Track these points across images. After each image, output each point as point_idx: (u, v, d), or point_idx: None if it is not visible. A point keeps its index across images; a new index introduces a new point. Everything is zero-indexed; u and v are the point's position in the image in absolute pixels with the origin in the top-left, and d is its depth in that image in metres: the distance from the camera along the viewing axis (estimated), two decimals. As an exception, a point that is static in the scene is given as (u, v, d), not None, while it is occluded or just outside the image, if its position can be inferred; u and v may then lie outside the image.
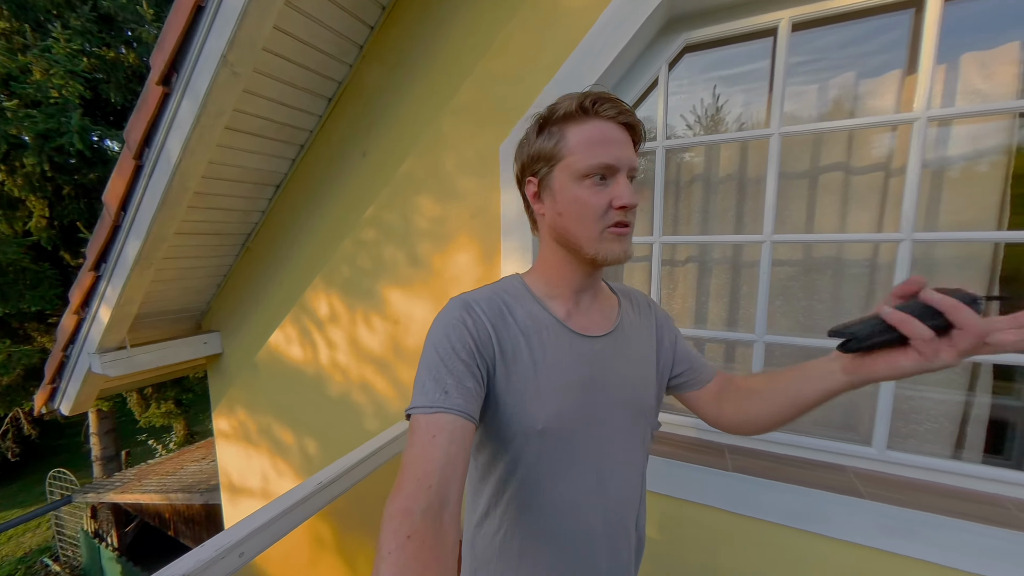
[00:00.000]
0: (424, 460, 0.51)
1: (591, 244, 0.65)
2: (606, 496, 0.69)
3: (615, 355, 0.72)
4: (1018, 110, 1.18)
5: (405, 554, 0.43)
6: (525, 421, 0.64)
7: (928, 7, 1.21)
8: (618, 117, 0.64)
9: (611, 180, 0.64)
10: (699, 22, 1.44)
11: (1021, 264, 1.29)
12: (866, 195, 1.41)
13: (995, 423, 1.31)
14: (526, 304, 0.70)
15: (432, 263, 1.91)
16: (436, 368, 0.60)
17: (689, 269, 1.73)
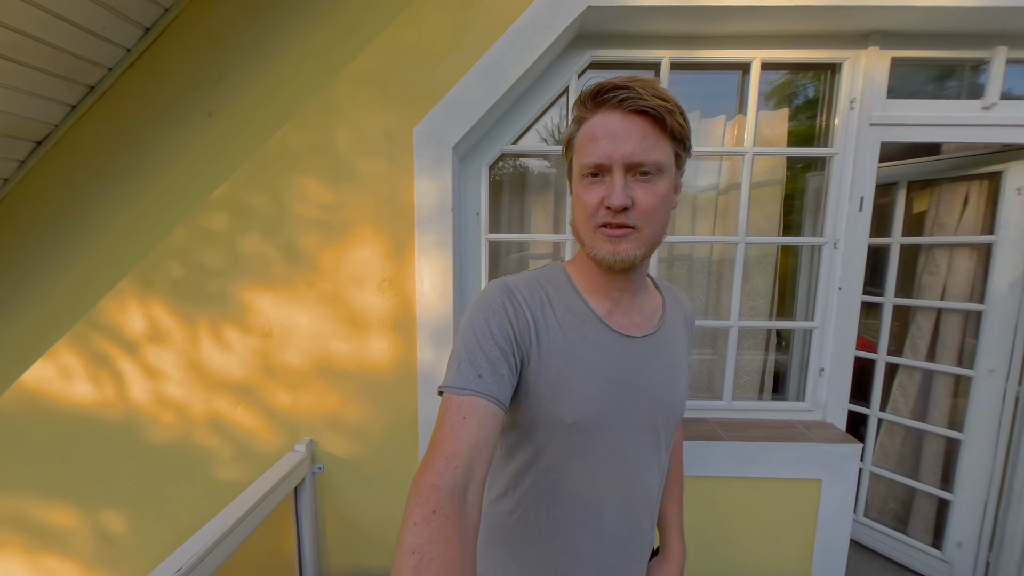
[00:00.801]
0: (453, 439, 0.48)
1: (588, 242, 0.59)
2: (627, 497, 0.64)
3: (653, 358, 0.64)
4: (809, 154, 1.53)
5: (430, 527, 0.40)
6: (556, 413, 0.58)
7: (752, 71, 1.47)
8: (622, 105, 0.52)
9: (607, 178, 0.55)
10: (604, 43, 1.44)
11: (787, 261, 1.68)
12: (705, 207, 1.69)
13: (778, 372, 1.72)
14: (567, 296, 0.63)
15: (320, 259, 1.46)
16: (472, 350, 0.54)
17: None
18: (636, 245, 0.56)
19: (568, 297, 0.63)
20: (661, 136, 0.54)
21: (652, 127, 0.53)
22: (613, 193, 0.53)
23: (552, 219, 1.67)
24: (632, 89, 0.52)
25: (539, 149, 1.56)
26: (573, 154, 0.60)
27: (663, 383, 0.65)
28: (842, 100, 1.50)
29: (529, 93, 1.46)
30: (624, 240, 0.56)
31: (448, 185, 1.39)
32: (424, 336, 1.45)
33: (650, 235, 0.57)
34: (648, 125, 0.53)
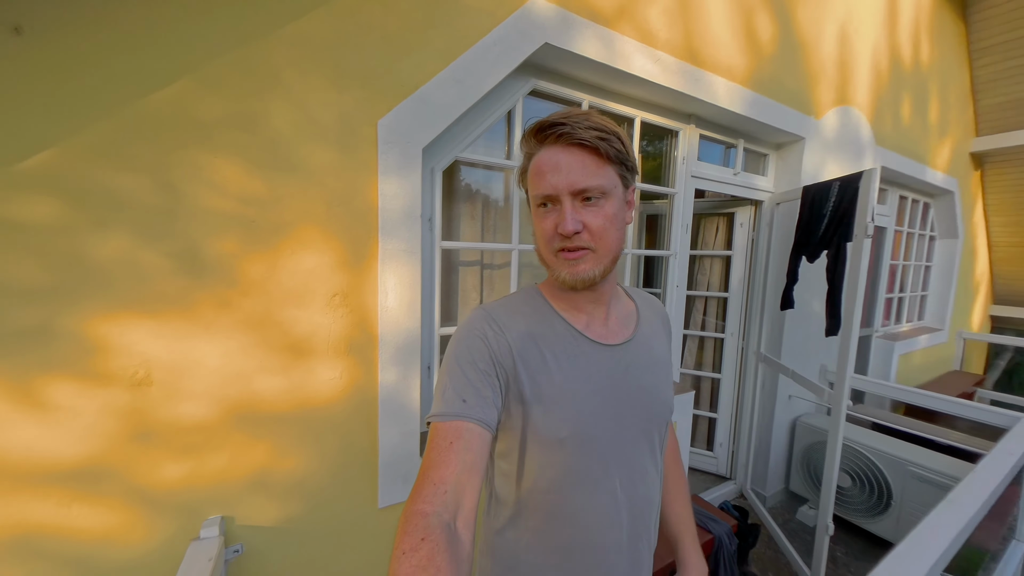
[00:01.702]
0: (441, 465, 0.45)
1: (551, 266, 0.57)
2: (630, 503, 0.60)
3: (635, 362, 0.62)
4: (661, 191, 1.95)
5: (419, 555, 0.37)
6: (548, 431, 0.55)
7: (636, 125, 1.78)
8: (561, 140, 0.52)
9: (558, 206, 0.54)
10: (545, 76, 1.49)
11: (651, 267, 2.05)
12: None
13: None
14: (546, 316, 0.60)
15: (241, 270, 0.98)
16: (455, 377, 0.52)
17: (506, 272, 1.62)
18: (593, 264, 0.55)
19: (546, 316, 0.60)
20: (601, 162, 0.53)
21: (591, 156, 0.52)
22: (564, 220, 0.52)
23: (501, 230, 1.55)
24: (567, 124, 0.51)
25: (491, 161, 1.46)
26: (527, 186, 0.59)
27: (649, 385, 0.63)
28: (679, 157, 1.91)
29: (480, 105, 1.32)
30: (581, 261, 0.54)
31: (417, 188, 1.13)
32: (387, 356, 1.14)
33: (605, 252, 0.55)
34: (587, 155, 0.52)
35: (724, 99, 1.82)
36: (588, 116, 0.53)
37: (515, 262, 1.52)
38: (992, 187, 4.17)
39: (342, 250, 1.09)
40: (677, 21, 1.64)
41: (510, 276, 1.53)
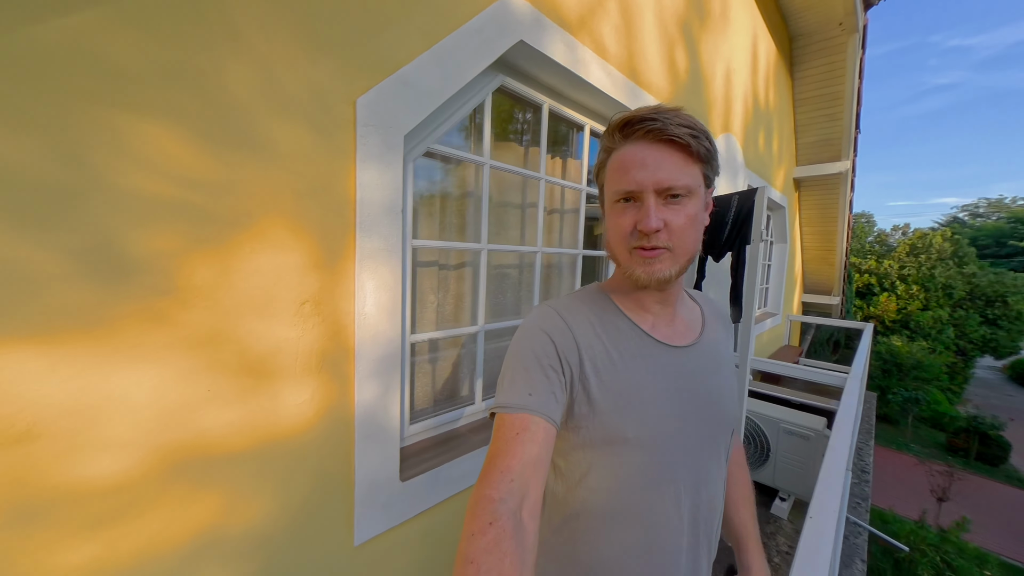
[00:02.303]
0: (508, 454, 0.45)
1: (624, 264, 0.56)
2: (693, 508, 0.58)
3: (702, 366, 0.62)
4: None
5: (487, 538, 0.38)
6: (614, 429, 0.54)
7: (586, 132, 1.87)
8: (650, 135, 0.51)
9: (638, 203, 0.53)
10: (512, 74, 1.48)
11: (591, 268, 2.20)
12: (552, 225, 1.75)
13: None
14: (611, 315, 0.60)
15: (182, 274, 0.75)
16: (521, 371, 0.52)
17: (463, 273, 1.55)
18: (670, 264, 0.54)
19: (612, 316, 0.60)
20: (689, 161, 0.52)
21: (680, 153, 0.52)
22: (646, 217, 0.51)
23: (460, 228, 1.48)
24: (659, 120, 0.50)
25: (464, 155, 1.37)
26: (604, 180, 0.59)
27: (716, 389, 0.62)
28: (617, 165, 2.07)
29: (452, 96, 1.23)
30: (657, 261, 0.54)
31: (399, 179, 1.03)
32: (364, 371, 1.01)
33: (683, 253, 0.54)
34: (676, 152, 0.52)
35: (655, 116, 2.03)
36: (678, 113, 0.52)
37: (483, 263, 1.46)
38: (804, 205, 5.50)
39: (313, 248, 0.92)
40: (623, 39, 1.78)
41: (478, 277, 1.48)
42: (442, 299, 1.45)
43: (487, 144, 1.41)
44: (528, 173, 1.60)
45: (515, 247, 1.65)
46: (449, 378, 1.52)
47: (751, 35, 3.18)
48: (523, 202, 1.70)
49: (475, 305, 1.52)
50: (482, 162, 1.41)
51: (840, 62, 4.03)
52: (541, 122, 1.64)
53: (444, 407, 1.47)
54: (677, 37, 2.16)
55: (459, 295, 1.50)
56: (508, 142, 1.64)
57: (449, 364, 1.52)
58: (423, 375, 1.43)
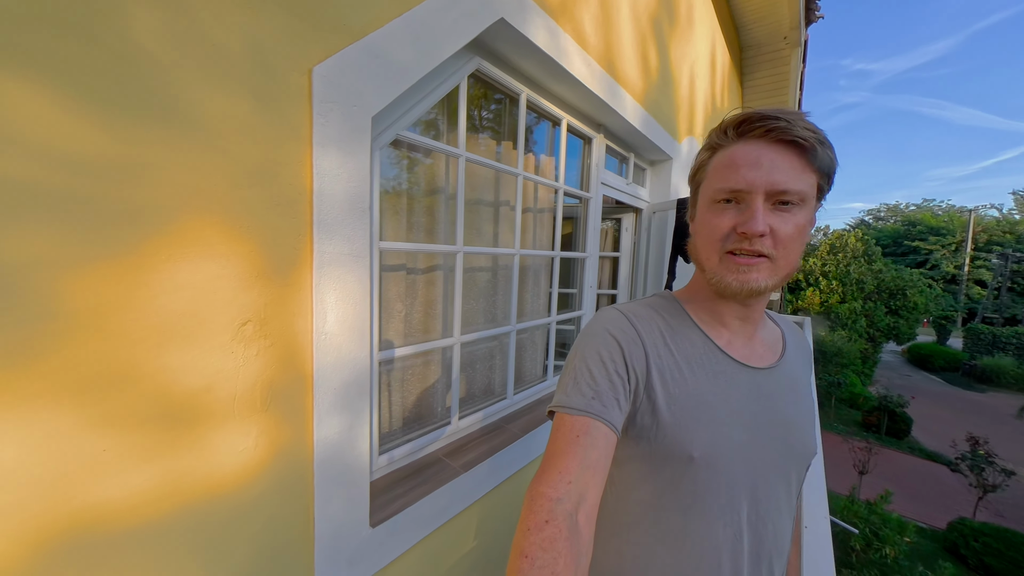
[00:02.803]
0: (567, 455, 0.44)
1: (711, 269, 0.53)
2: (755, 542, 0.54)
3: (779, 391, 0.57)
4: (580, 195, 1.95)
5: (543, 535, 0.38)
6: (679, 446, 0.51)
7: (563, 126, 1.75)
8: (768, 135, 0.48)
9: (743, 205, 0.49)
10: (489, 58, 1.34)
11: (568, 269, 2.11)
12: (534, 222, 1.56)
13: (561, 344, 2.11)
14: (684, 326, 0.57)
15: (66, 292, 0.53)
16: (584, 373, 0.50)
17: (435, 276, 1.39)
18: (768, 275, 0.50)
19: (685, 327, 0.57)
20: (807, 167, 0.48)
21: (799, 158, 0.48)
22: (752, 219, 0.47)
23: (430, 229, 1.32)
24: (784, 119, 0.47)
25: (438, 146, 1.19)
26: (703, 179, 0.55)
27: (793, 419, 0.57)
28: (592, 163, 2.01)
29: (426, 76, 1.06)
30: (755, 270, 0.49)
31: (366, 169, 0.86)
32: (326, 401, 0.84)
33: (784, 265, 0.50)
34: (795, 156, 0.48)
35: (630, 113, 1.98)
36: (803, 116, 0.48)
37: (459, 267, 1.31)
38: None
39: (257, 254, 0.72)
40: (600, 30, 1.69)
41: (453, 283, 1.32)
42: (411, 308, 1.28)
43: (462, 135, 1.26)
44: (506, 168, 1.46)
45: (493, 249, 1.51)
46: (421, 397, 1.35)
47: (711, 42, 3.26)
48: (496, 200, 1.56)
49: (447, 314, 1.36)
50: (457, 154, 1.26)
51: (784, 74, 4.29)
52: (519, 114, 1.51)
53: (417, 430, 1.30)
54: (649, 35, 2.13)
55: (430, 303, 1.34)
56: (482, 134, 1.49)
57: (421, 381, 1.35)
58: (392, 396, 1.25)
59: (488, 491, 1.32)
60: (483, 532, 1.34)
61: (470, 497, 1.24)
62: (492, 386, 1.61)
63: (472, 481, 1.23)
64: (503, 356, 1.63)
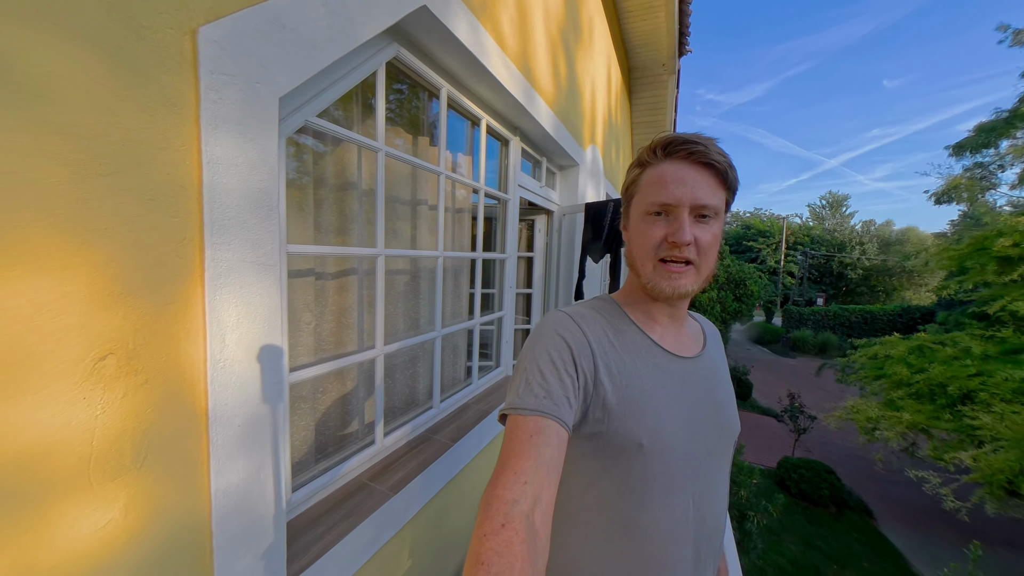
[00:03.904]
0: (522, 455, 0.45)
1: (646, 275, 0.59)
2: (700, 519, 0.58)
3: (707, 376, 0.64)
4: (499, 196, 1.98)
5: (499, 539, 0.38)
6: (629, 435, 0.54)
7: (482, 126, 1.73)
8: (690, 157, 0.56)
9: (671, 217, 0.56)
10: (408, 46, 1.27)
11: (488, 270, 2.13)
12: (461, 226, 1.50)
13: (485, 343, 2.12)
14: (623, 324, 0.62)
15: None
16: (535, 375, 0.52)
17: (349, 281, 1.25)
18: (693, 280, 0.57)
19: (624, 325, 0.62)
20: (720, 185, 0.57)
21: (714, 177, 0.56)
22: (680, 229, 0.54)
23: (341, 229, 1.19)
24: (700, 144, 0.56)
25: (354, 137, 1.05)
26: (636, 193, 0.61)
27: (721, 400, 0.64)
28: (510, 165, 2.04)
29: (338, 61, 0.92)
30: (683, 276, 0.57)
31: (273, 160, 0.74)
32: (227, 444, 0.71)
33: (705, 270, 0.58)
34: (711, 175, 0.56)
35: (544, 119, 2.05)
36: (714, 142, 0.57)
37: (380, 272, 1.20)
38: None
39: (120, 263, 0.55)
40: (518, 33, 1.71)
41: (374, 290, 1.20)
42: (321, 319, 1.13)
43: (381, 127, 1.15)
44: (428, 166, 1.38)
45: (417, 252, 1.42)
46: (340, 418, 1.20)
47: (607, 60, 3.56)
48: (414, 199, 1.47)
49: (365, 323, 1.23)
50: (376, 148, 1.14)
51: (663, 96, 4.92)
52: (440, 110, 1.44)
53: (337, 456, 1.15)
54: (559, 45, 2.22)
55: (344, 312, 1.20)
56: (401, 128, 1.39)
57: (339, 401, 1.20)
58: (305, 421, 1.09)
59: (421, 507, 1.24)
60: (418, 551, 1.25)
61: (402, 519, 1.15)
62: (416, 396, 1.52)
63: (403, 502, 1.14)
64: (427, 363, 1.55)
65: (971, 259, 6.79)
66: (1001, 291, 6.26)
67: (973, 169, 8.01)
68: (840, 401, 7.00)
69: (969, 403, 5.40)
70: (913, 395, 6.10)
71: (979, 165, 8.01)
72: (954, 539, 5.43)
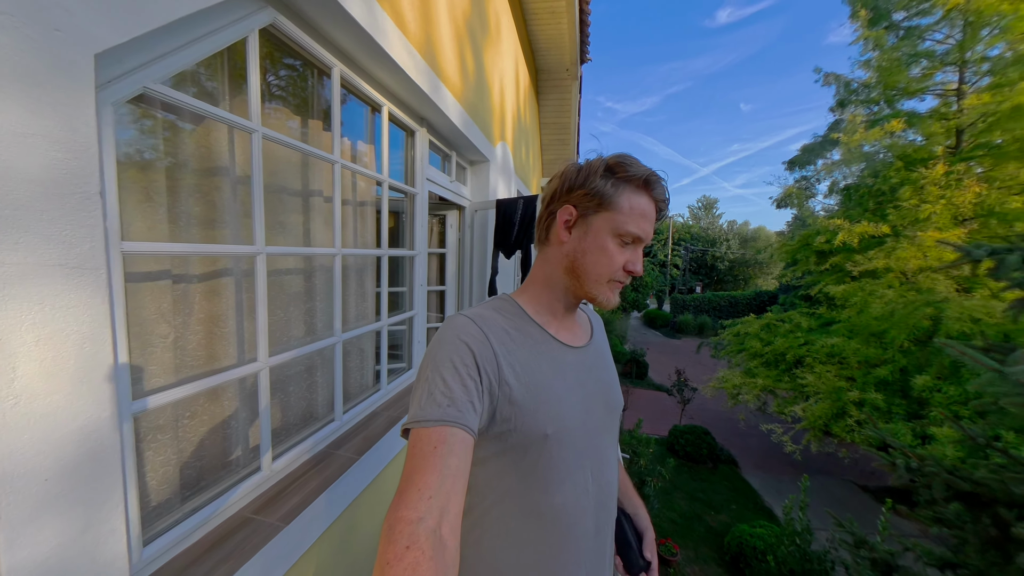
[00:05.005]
0: (424, 470, 0.44)
1: (594, 286, 0.63)
2: (598, 491, 0.63)
3: (596, 361, 0.71)
4: (405, 190, 1.89)
5: (403, 564, 0.36)
6: (535, 427, 0.57)
7: (384, 113, 1.60)
8: (659, 202, 0.63)
9: (633, 247, 0.63)
10: (288, 15, 1.08)
11: (396, 268, 2.03)
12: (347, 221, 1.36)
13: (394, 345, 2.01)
14: (523, 322, 0.65)
15: None
16: (438, 383, 0.52)
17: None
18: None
19: (524, 322, 0.65)
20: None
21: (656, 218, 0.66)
22: (638, 263, 0.64)
23: (231, 224, 1.02)
24: (667, 191, 0.64)
25: (219, 114, 0.88)
26: (607, 209, 0.62)
27: (607, 382, 0.71)
28: (417, 157, 1.97)
29: (190, 19, 0.76)
30: (617, 292, 0.66)
31: (91, 132, 0.60)
32: (26, 505, 0.55)
33: None
34: (655, 216, 0.66)
35: (452, 111, 2.00)
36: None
37: (261, 273, 1.04)
38: (548, 208, 6.92)
39: None
40: (420, 19, 1.63)
41: (254, 293, 1.04)
42: (184, 332, 0.94)
43: (255, 104, 0.99)
44: (320, 154, 1.24)
45: (308, 249, 1.26)
46: (214, 446, 1.02)
47: (514, 58, 3.61)
48: (305, 190, 1.31)
49: (245, 333, 1.07)
50: (250, 128, 0.98)
51: (567, 100, 5.18)
52: (332, 91, 1.30)
53: (208, 492, 0.97)
54: (465, 37, 2.18)
55: (217, 321, 1.02)
56: (284, 108, 1.22)
57: (213, 425, 1.02)
58: (163, 455, 0.90)
59: (323, 531, 1.11)
60: (317, 584, 1.13)
61: (298, 549, 1.02)
62: (315, 409, 1.37)
63: (299, 530, 1.01)
64: (327, 372, 1.40)
65: (799, 253, 8.71)
66: (819, 277, 8.10)
67: (801, 181, 10.10)
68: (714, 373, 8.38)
69: (800, 367, 6.84)
70: (764, 363, 7.52)
71: (804, 178, 10.13)
72: (793, 475, 6.82)
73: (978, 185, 6.15)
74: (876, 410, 5.43)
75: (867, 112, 7.92)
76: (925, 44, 7.13)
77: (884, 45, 7.25)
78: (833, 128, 9.10)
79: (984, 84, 6.61)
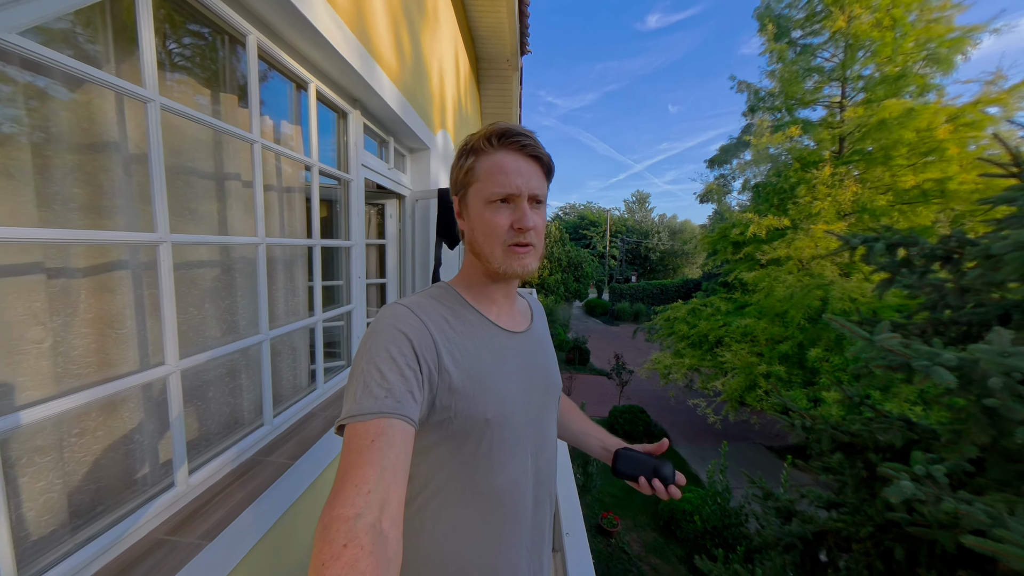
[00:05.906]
0: (361, 465, 0.42)
1: (496, 259, 0.62)
2: (537, 470, 0.65)
3: (535, 346, 0.71)
4: (340, 176, 1.76)
5: (341, 563, 0.34)
6: (476, 413, 0.57)
7: (311, 92, 1.48)
8: (523, 150, 0.61)
9: (513, 204, 0.61)
10: None
11: (332, 259, 1.92)
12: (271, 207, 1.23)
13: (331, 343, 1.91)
14: (462, 309, 0.64)
15: None
16: (374, 375, 0.50)
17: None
18: (535, 260, 0.63)
19: (462, 309, 0.65)
20: (544, 176, 0.65)
21: (540, 169, 0.63)
22: (524, 216, 0.60)
23: (125, 207, 0.89)
24: (530, 139, 0.62)
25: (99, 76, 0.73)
26: (473, 181, 0.62)
27: (546, 366, 0.72)
28: (350, 141, 1.86)
29: None
30: (527, 256, 0.62)
31: None
32: None
33: (540, 251, 0.64)
34: (539, 167, 0.63)
35: (388, 95, 1.91)
36: (535, 136, 0.65)
37: (165, 265, 0.92)
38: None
39: None
40: (350, -7, 1.52)
41: (158, 286, 0.92)
42: (64, 334, 0.81)
43: (149, 69, 0.86)
44: (236, 131, 1.11)
45: (224, 238, 1.14)
46: (115, 462, 0.89)
47: (453, 44, 3.52)
48: (220, 172, 1.18)
49: (149, 333, 0.94)
50: (145, 97, 0.85)
51: (508, 90, 5.18)
52: (248, 62, 1.17)
53: (110, 515, 0.85)
54: (401, 18, 2.08)
55: (112, 321, 0.88)
56: (193, 81, 1.08)
57: (112, 440, 0.88)
58: (46, 479, 0.76)
59: (253, 546, 1.03)
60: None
61: (223, 568, 0.93)
62: (240, 415, 1.25)
63: (223, 548, 0.92)
64: (253, 373, 1.28)
65: (718, 243, 9.72)
66: (734, 266, 9.09)
67: (720, 179, 11.17)
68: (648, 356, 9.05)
69: (720, 347, 7.64)
70: (690, 345, 8.27)
71: (722, 176, 11.22)
72: (715, 443, 7.61)
73: (855, 185, 7.27)
74: (780, 380, 6.25)
75: (772, 118, 8.94)
76: (817, 60, 8.19)
77: (786, 59, 8.21)
78: (746, 131, 10.16)
79: (859, 99, 7.77)
